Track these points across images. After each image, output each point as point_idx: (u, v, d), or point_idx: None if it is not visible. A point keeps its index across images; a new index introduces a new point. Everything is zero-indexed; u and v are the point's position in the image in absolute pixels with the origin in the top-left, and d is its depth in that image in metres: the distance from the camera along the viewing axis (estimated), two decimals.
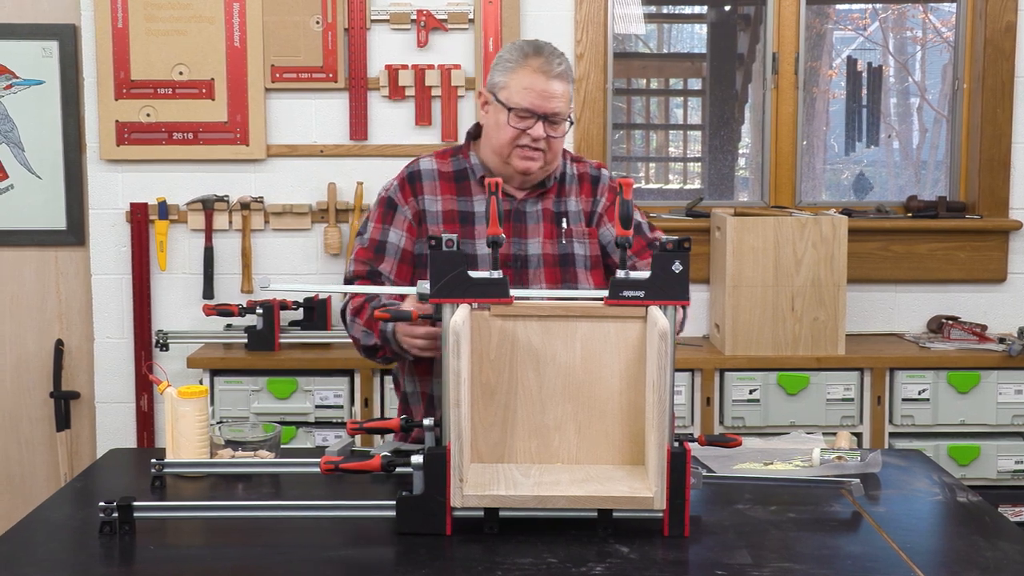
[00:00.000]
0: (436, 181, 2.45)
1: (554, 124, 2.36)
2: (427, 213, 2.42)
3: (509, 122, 2.35)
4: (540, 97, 2.33)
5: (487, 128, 2.43)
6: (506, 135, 2.36)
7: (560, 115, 2.36)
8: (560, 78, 2.35)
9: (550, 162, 2.41)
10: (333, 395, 3.58)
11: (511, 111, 2.34)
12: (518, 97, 2.34)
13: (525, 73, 2.34)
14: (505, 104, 2.35)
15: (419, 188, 2.44)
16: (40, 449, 4.09)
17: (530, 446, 1.98)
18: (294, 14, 3.83)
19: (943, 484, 2.18)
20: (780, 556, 1.77)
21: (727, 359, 3.58)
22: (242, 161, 3.88)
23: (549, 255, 2.41)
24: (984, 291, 3.99)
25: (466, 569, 1.70)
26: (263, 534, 1.86)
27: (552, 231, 2.43)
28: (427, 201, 2.43)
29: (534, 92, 2.33)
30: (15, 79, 3.96)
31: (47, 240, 4.02)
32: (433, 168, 2.46)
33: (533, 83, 2.33)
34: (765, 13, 4.02)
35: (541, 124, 2.34)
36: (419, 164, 2.48)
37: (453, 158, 2.49)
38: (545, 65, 2.34)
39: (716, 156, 4.37)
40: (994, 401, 3.59)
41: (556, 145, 2.39)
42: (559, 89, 2.34)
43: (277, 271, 3.90)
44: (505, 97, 2.36)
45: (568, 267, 2.41)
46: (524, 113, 2.34)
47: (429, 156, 2.49)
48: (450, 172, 2.46)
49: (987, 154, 3.95)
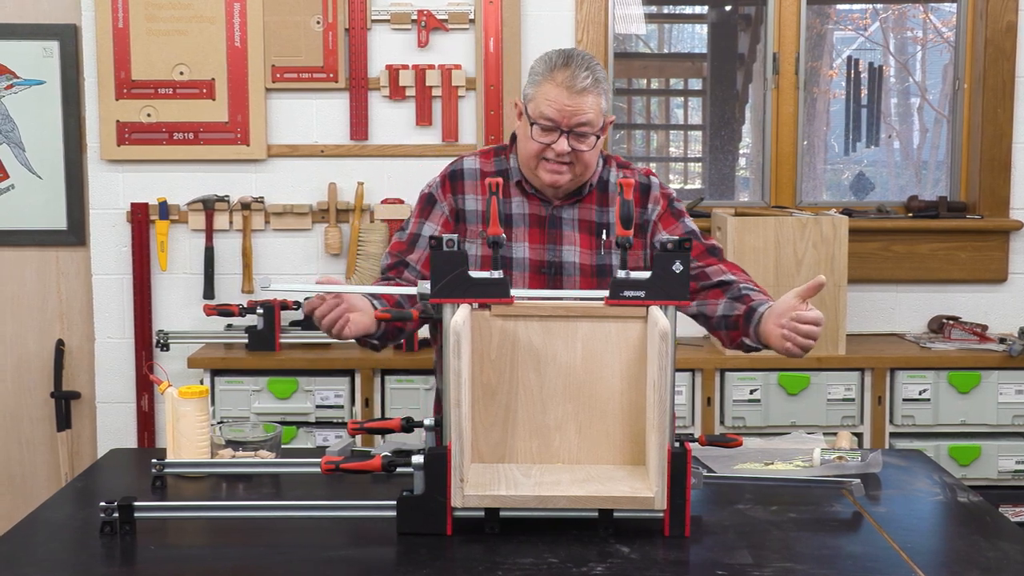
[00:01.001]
0: (477, 181, 2.45)
1: (580, 137, 2.31)
2: (466, 212, 2.44)
3: (533, 135, 2.33)
4: (562, 113, 2.29)
5: (519, 138, 2.42)
6: (532, 148, 2.34)
7: (588, 127, 2.31)
8: (586, 92, 2.29)
9: (580, 175, 2.37)
10: (334, 395, 3.58)
11: (534, 125, 2.32)
12: (542, 111, 2.31)
13: (550, 87, 2.30)
14: (531, 117, 2.33)
15: (460, 187, 2.45)
16: (41, 449, 4.09)
17: (531, 446, 1.98)
18: (295, 14, 3.83)
19: (944, 484, 2.18)
20: (781, 556, 1.77)
21: (728, 359, 3.58)
22: (243, 161, 3.88)
23: (586, 265, 2.40)
24: (985, 291, 3.99)
25: (467, 569, 1.70)
26: (264, 534, 1.86)
27: (590, 241, 2.41)
28: (468, 200, 2.44)
29: (557, 107, 2.29)
30: (16, 79, 3.96)
31: (48, 240, 4.03)
32: (476, 168, 2.46)
33: (557, 97, 2.29)
34: (766, 13, 4.02)
35: (565, 139, 2.30)
36: (462, 163, 2.48)
37: (496, 158, 2.48)
38: (570, 79, 2.29)
39: (717, 156, 4.37)
40: (995, 401, 3.59)
41: (586, 157, 2.34)
42: (585, 103, 2.29)
43: (278, 271, 3.90)
44: (531, 110, 2.34)
45: (605, 278, 2.37)
46: (548, 125, 2.31)
47: (473, 155, 2.50)
48: (492, 172, 2.45)
49: (988, 154, 3.95)
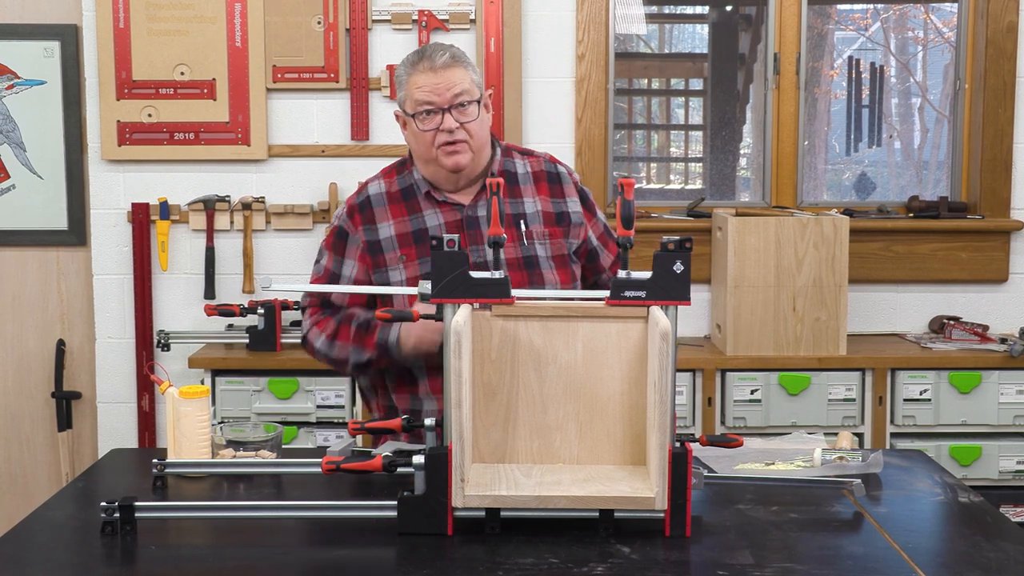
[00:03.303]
0: (386, 206, 2.44)
1: (461, 108, 2.34)
2: (381, 241, 2.41)
3: (419, 126, 2.35)
4: (434, 91, 2.33)
5: (412, 147, 2.44)
6: (425, 139, 2.36)
7: (464, 96, 2.34)
8: (448, 67, 2.34)
9: (478, 151, 2.39)
10: (334, 395, 3.58)
11: (415, 116, 2.35)
12: (417, 99, 2.35)
13: (416, 77, 2.36)
14: (411, 112, 2.36)
15: (370, 216, 2.43)
16: (42, 449, 4.09)
17: (531, 446, 1.98)
18: (296, 14, 3.83)
19: (945, 484, 2.18)
20: (782, 556, 1.77)
21: (728, 359, 3.58)
22: (243, 161, 3.89)
23: (512, 259, 2.39)
24: (985, 291, 3.99)
25: (467, 569, 1.70)
26: (265, 534, 1.86)
27: (511, 234, 2.41)
28: (381, 229, 2.42)
29: (428, 89, 2.34)
30: (17, 79, 3.97)
31: (48, 240, 4.03)
32: (381, 192, 2.46)
33: (425, 82, 2.34)
34: (766, 13, 4.02)
35: (449, 115, 2.33)
36: (368, 190, 2.47)
37: (399, 176, 2.47)
38: (429, 63, 2.35)
39: (717, 156, 4.37)
40: (995, 401, 3.59)
41: (475, 130, 2.37)
42: (452, 76, 2.34)
43: (278, 271, 3.90)
44: (410, 107, 2.37)
45: (534, 269, 2.39)
46: (428, 109, 2.34)
47: (377, 178, 2.49)
48: (397, 192, 2.45)
49: (988, 154, 3.95)
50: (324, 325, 2.40)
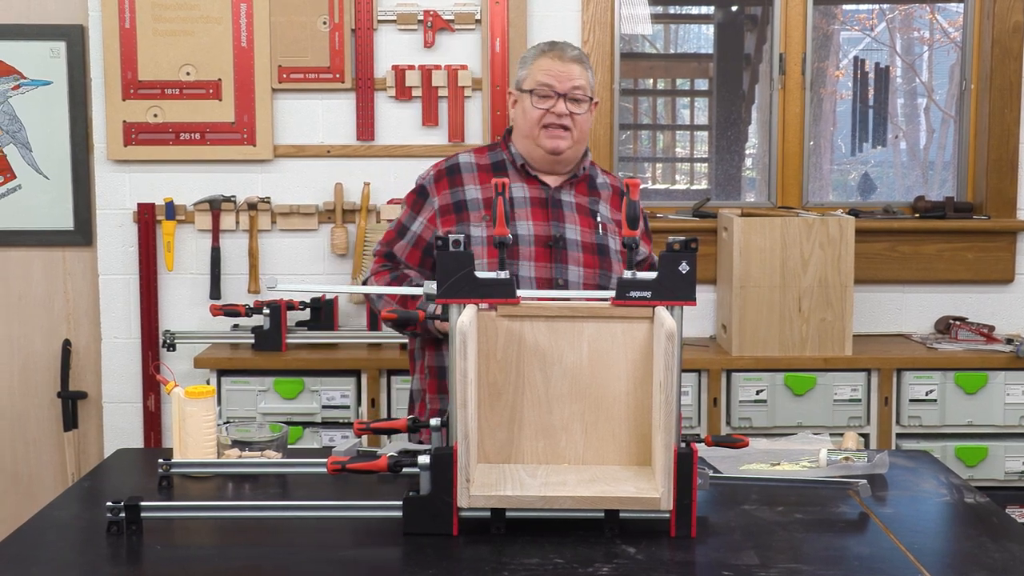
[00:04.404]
0: (475, 172, 2.63)
1: (575, 102, 2.56)
2: (467, 201, 2.58)
3: (533, 103, 2.56)
4: (557, 77, 2.55)
5: (517, 121, 2.64)
6: (533, 115, 2.56)
7: (580, 92, 2.56)
8: (575, 61, 2.57)
9: (578, 141, 2.59)
10: (340, 395, 3.59)
11: (532, 92, 2.56)
12: (538, 79, 2.56)
13: (543, 60, 2.58)
14: (528, 89, 2.57)
15: (458, 180, 2.62)
16: (47, 449, 4.10)
17: (537, 446, 1.98)
18: (301, 14, 3.83)
19: (950, 485, 2.17)
20: (787, 557, 1.77)
21: (734, 360, 3.58)
22: (249, 161, 3.89)
23: (587, 243, 2.58)
24: (991, 292, 3.98)
25: (473, 569, 1.70)
26: (270, 534, 1.87)
27: (588, 223, 2.60)
28: (468, 191, 2.60)
29: (552, 73, 2.56)
30: (23, 79, 3.97)
31: (54, 240, 4.03)
32: (471, 161, 2.65)
33: (551, 66, 2.57)
34: (772, 14, 4.02)
35: (563, 102, 2.55)
36: (458, 158, 2.67)
37: (490, 152, 2.68)
38: (558, 51, 2.58)
39: (723, 157, 4.37)
40: (1002, 402, 3.58)
41: (580, 122, 2.57)
42: (575, 70, 2.56)
43: (284, 271, 3.91)
44: (528, 84, 2.58)
45: (605, 256, 2.58)
46: (544, 91, 2.55)
47: (468, 152, 2.69)
48: (488, 164, 2.65)
49: (995, 154, 3.95)
50: (380, 277, 2.62)
